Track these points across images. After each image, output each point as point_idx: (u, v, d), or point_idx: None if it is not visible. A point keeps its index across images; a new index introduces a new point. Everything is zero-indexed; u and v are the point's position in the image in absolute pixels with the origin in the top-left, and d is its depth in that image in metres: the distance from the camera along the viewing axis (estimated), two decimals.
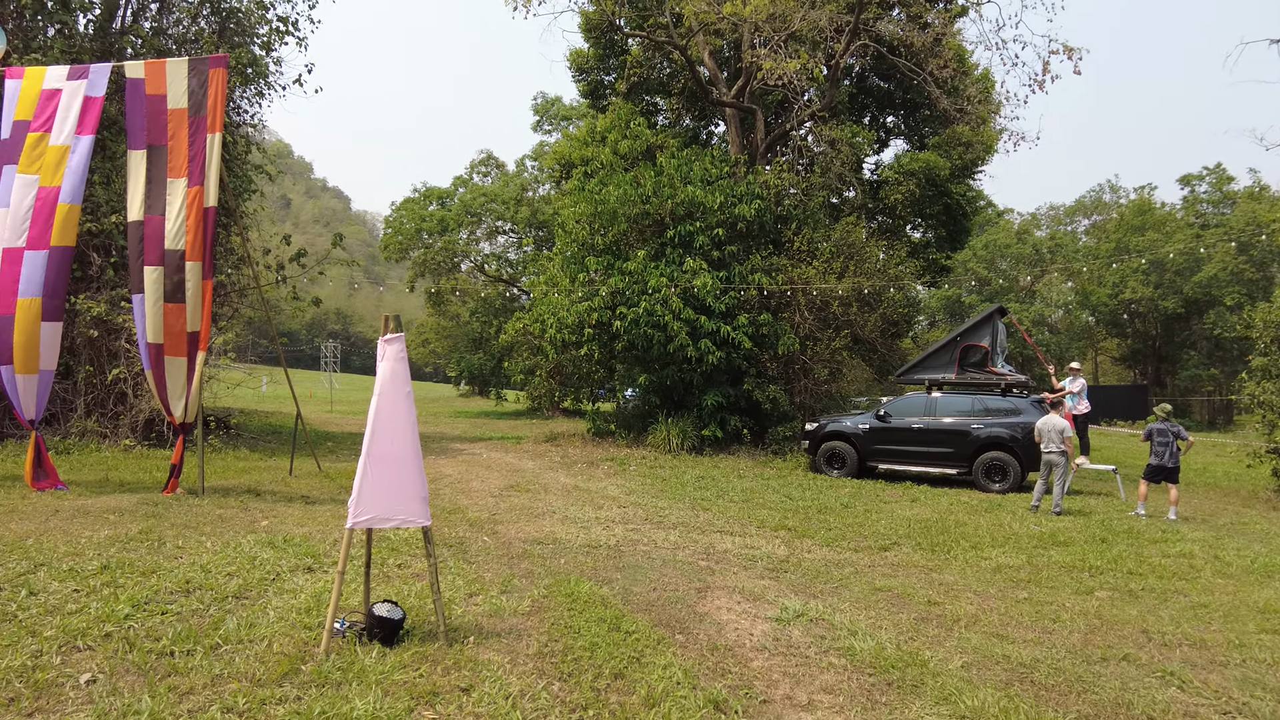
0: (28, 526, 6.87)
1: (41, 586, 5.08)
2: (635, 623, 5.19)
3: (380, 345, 4.69)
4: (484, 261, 35.77)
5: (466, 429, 25.57)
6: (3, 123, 8.74)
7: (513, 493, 11.31)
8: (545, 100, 33.84)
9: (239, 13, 17.40)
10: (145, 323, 8.49)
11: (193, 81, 8.79)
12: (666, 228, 17.11)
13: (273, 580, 5.63)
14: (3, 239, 8.36)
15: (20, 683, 3.66)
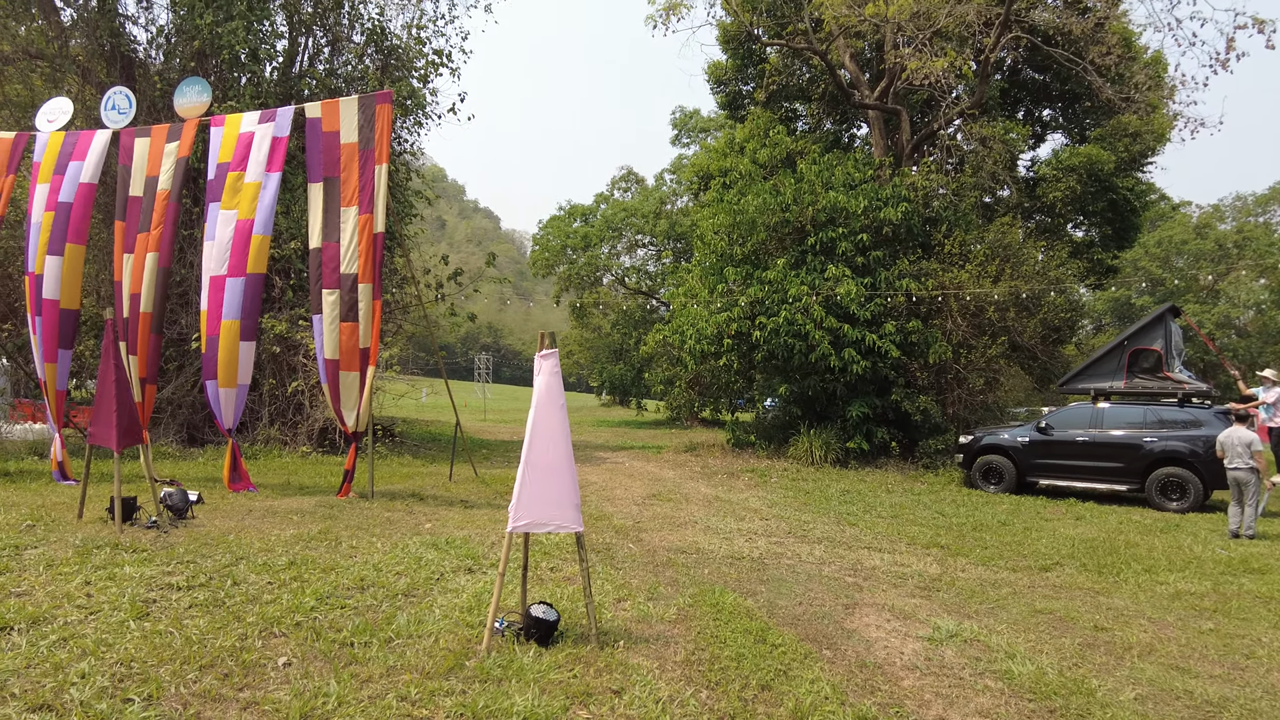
0: (228, 524, 7.69)
1: (242, 578, 5.68)
2: (781, 636, 5.18)
3: (537, 360, 4.95)
4: (624, 275, 36.55)
5: (609, 438, 26.17)
6: (209, 165, 9.88)
7: (655, 501, 11.50)
8: (684, 114, 34.27)
9: (399, 50, 18.74)
10: (323, 340, 9.33)
11: (362, 117, 9.58)
12: (807, 235, 16.88)
13: (437, 580, 6.03)
14: (209, 268, 9.45)
15: (231, 660, 4.13)
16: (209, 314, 9.38)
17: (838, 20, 16.12)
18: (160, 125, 10.32)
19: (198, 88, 10.23)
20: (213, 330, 9.35)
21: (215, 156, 9.76)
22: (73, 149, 10.21)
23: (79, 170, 10.03)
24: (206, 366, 9.40)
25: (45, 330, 9.90)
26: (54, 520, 7.30)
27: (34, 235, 10.01)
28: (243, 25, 15.40)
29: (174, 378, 15.18)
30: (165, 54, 17.03)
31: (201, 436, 15.11)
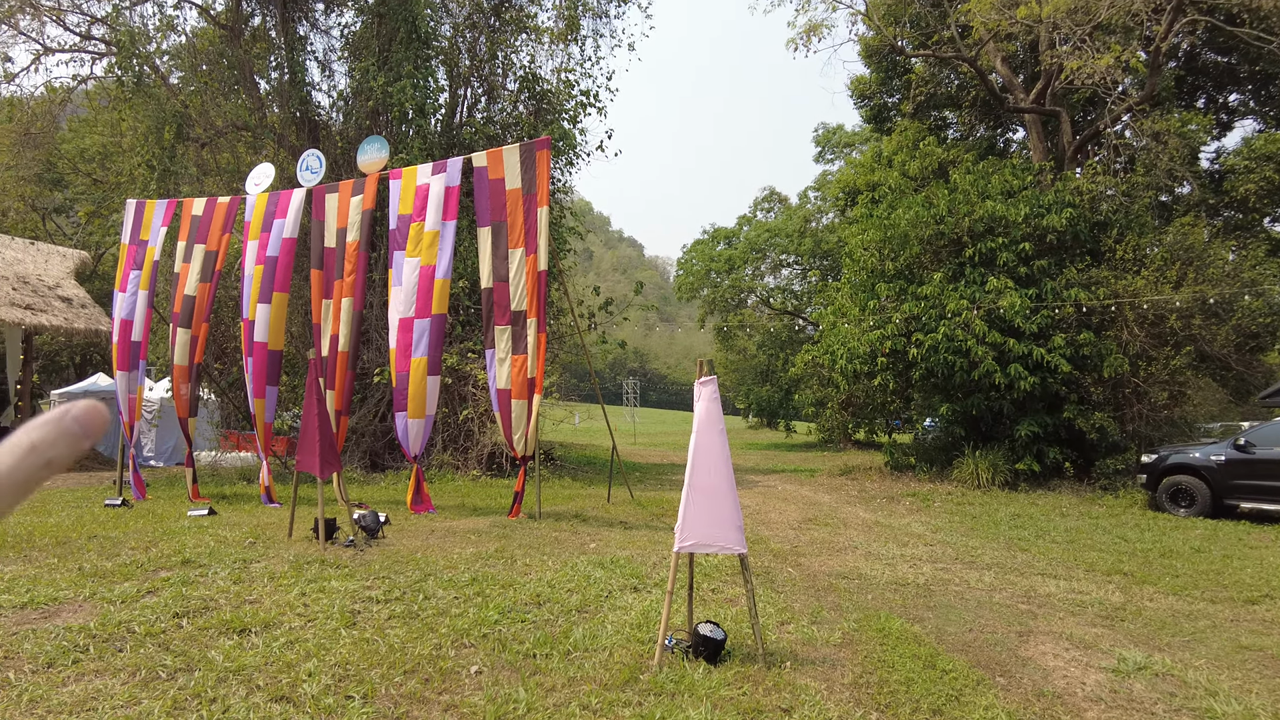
0: (414, 543, 8.38)
1: (432, 592, 6.21)
2: (952, 661, 5.08)
3: (696, 387, 5.18)
4: (769, 295, 36.38)
5: (758, 461, 26.02)
6: (390, 215, 10.91)
7: (812, 526, 11.40)
8: (826, 130, 33.91)
9: (550, 94, 19.80)
10: (495, 372, 10.04)
11: (523, 163, 10.27)
12: (964, 247, 16.27)
13: (606, 598, 6.33)
14: (399, 310, 10.43)
15: (430, 667, 4.57)
16: (398, 352, 10.33)
17: (987, 25, 15.56)
18: (346, 181, 11.50)
19: (377, 145, 11.31)
20: (403, 367, 10.28)
21: (396, 208, 10.76)
22: (275, 208, 11.57)
23: (281, 227, 11.35)
24: (397, 400, 10.33)
25: (255, 369, 11.22)
26: (269, 538, 8.25)
27: (247, 286, 11.41)
28: (410, 83, 16.83)
29: (357, 409, 16.63)
30: (344, 115, 18.85)
31: (382, 462, 16.43)
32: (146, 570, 6.54)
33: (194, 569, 6.58)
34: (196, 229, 11.93)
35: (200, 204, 12.19)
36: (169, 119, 15.72)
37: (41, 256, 21.62)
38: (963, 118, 20.69)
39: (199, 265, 11.75)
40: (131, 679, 4.25)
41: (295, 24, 18.72)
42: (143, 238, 12.25)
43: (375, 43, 17.67)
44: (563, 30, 20.40)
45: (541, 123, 19.27)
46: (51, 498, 12.47)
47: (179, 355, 11.72)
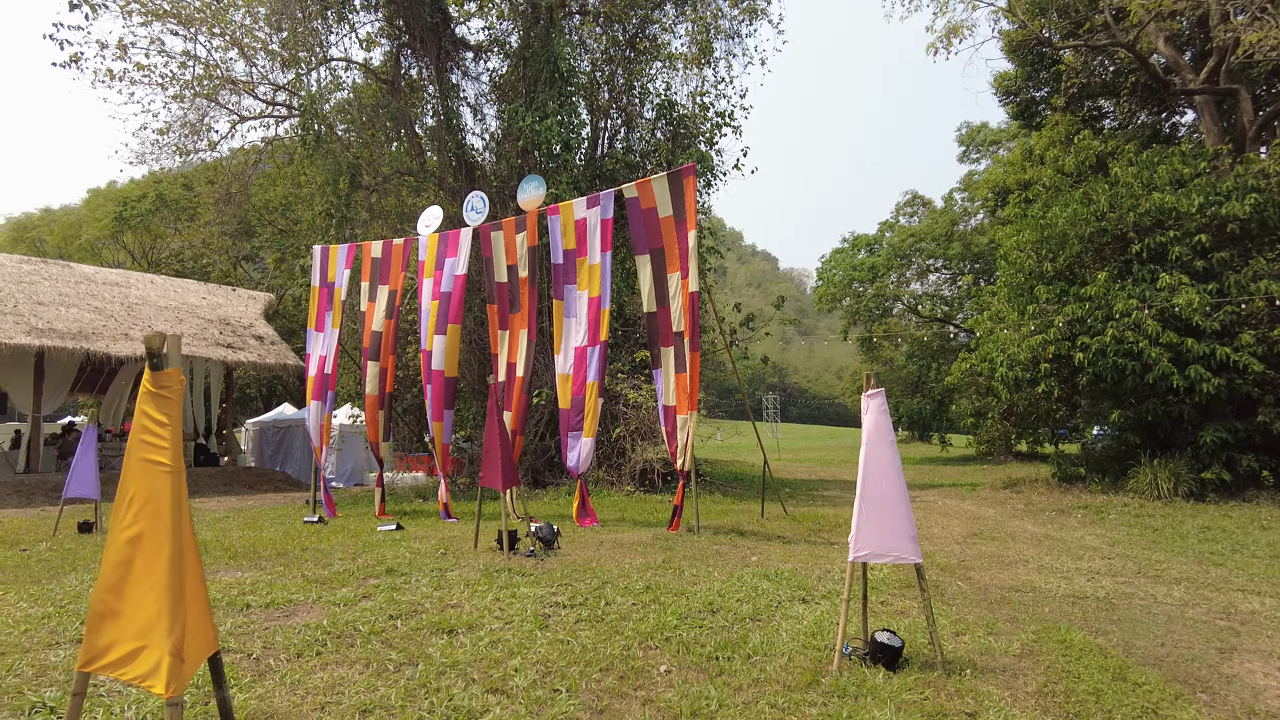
0: (587, 554, 8.87)
1: (611, 599, 6.61)
2: (1144, 675, 4.93)
3: (864, 400, 5.31)
4: (916, 303, 35.27)
5: (913, 475, 25.22)
6: (553, 250, 11.65)
7: (978, 540, 11.07)
8: (970, 129, 32.67)
9: (686, 119, 20.30)
10: (663, 389, 10.52)
11: (672, 191, 10.70)
12: (1129, 243, 15.30)
13: (776, 607, 6.51)
14: (574, 341, 11.17)
15: (622, 666, 4.93)
16: (575, 378, 11.06)
17: (1146, 6, 14.66)
18: (508, 219, 12.36)
19: (535, 183, 12.09)
20: (579, 391, 11.03)
21: (559, 243, 11.50)
22: (446, 247, 12.58)
23: (454, 264, 12.35)
24: (574, 421, 11.10)
25: (434, 395, 12.23)
26: (457, 550, 8.98)
27: (424, 319, 12.48)
28: (555, 121, 17.78)
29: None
30: (496, 156, 20.09)
31: (543, 479, 17.27)
32: (358, 578, 7.32)
33: (398, 577, 7.31)
34: (378, 270, 13.18)
35: (378, 246, 13.44)
36: (344, 170, 17.39)
37: (239, 300, 24.25)
38: (1121, 106, 19.45)
39: (384, 304, 12.98)
40: (366, 670, 4.85)
41: (448, 73, 20.19)
42: (329, 280, 13.64)
43: (521, 85, 18.80)
44: (696, 55, 20.91)
45: (679, 148, 19.78)
46: (260, 515, 13.97)
47: (370, 386, 12.95)
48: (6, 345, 16.44)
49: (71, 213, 38.37)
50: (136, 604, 2.83)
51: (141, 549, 2.87)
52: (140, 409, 2.99)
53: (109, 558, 2.92)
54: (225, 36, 19.02)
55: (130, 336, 18.93)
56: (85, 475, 11.36)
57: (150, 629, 2.79)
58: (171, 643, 2.77)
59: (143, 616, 2.81)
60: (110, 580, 2.88)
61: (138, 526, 2.89)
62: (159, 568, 2.83)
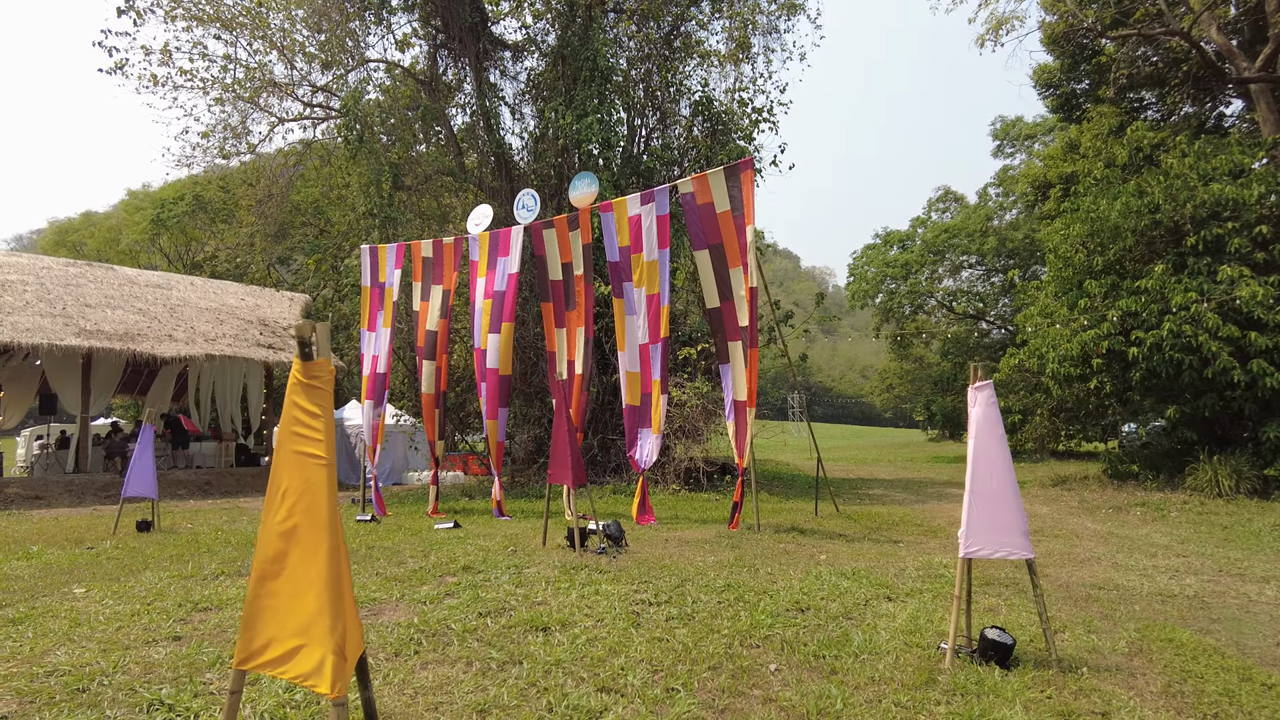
0: (654, 551, 8.79)
1: (695, 597, 6.51)
2: (1270, 676, 4.77)
3: (970, 392, 5.19)
4: (951, 299, 34.88)
5: (954, 474, 24.95)
6: (607, 247, 11.57)
7: (1041, 538, 10.88)
8: (1005, 123, 32.24)
9: (723, 115, 20.16)
10: (731, 384, 10.43)
11: (729, 186, 10.59)
12: (1184, 235, 15.00)
13: (864, 605, 6.39)
14: (637, 339, 11.10)
15: (730, 664, 4.84)
16: (642, 376, 11.01)
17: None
18: (560, 217, 12.31)
19: (586, 180, 12.02)
20: (646, 388, 10.97)
21: (614, 240, 11.42)
22: (498, 246, 12.55)
23: (506, 264, 12.32)
24: (640, 418, 11.08)
25: (489, 393, 12.20)
26: (525, 547, 8.93)
27: (478, 319, 12.47)
28: (595, 119, 17.71)
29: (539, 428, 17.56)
30: (535, 155, 20.05)
31: (589, 478, 17.21)
32: (435, 576, 7.28)
33: (475, 574, 7.26)
34: (431, 270, 13.18)
35: (428, 246, 13.44)
36: (386, 170, 17.42)
37: (277, 301, 24.41)
38: (1172, 96, 19.04)
39: (438, 303, 12.99)
40: (469, 669, 4.79)
41: (487, 73, 20.19)
42: (380, 280, 13.65)
43: (560, 83, 18.75)
44: (733, 50, 20.79)
45: (718, 144, 19.65)
46: None
47: (426, 385, 12.96)
48: (58, 347, 16.63)
49: (111, 216, 38.90)
50: (294, 600, 2.77)
51: (298, 543, 2.81)
52: (290, 400, 2.93)
53: (263, 553, 2.86)
54: (265, 40, 19.14)
55: (174, 338, 19.10)
56: (143, 474, 11.45)
57: (310, 626, 2.73)
58: (335, 640, 2.71)
59: (302, 613, 2.75)
60: (265, 575, 2.82)
61: (293, 520, 2.83)
62: (317, 563, 2.77)
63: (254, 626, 2.81)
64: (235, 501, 17.53)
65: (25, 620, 5.90)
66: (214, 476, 19.35)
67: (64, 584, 7.31)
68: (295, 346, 2.67)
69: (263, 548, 2.86)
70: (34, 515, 14.28)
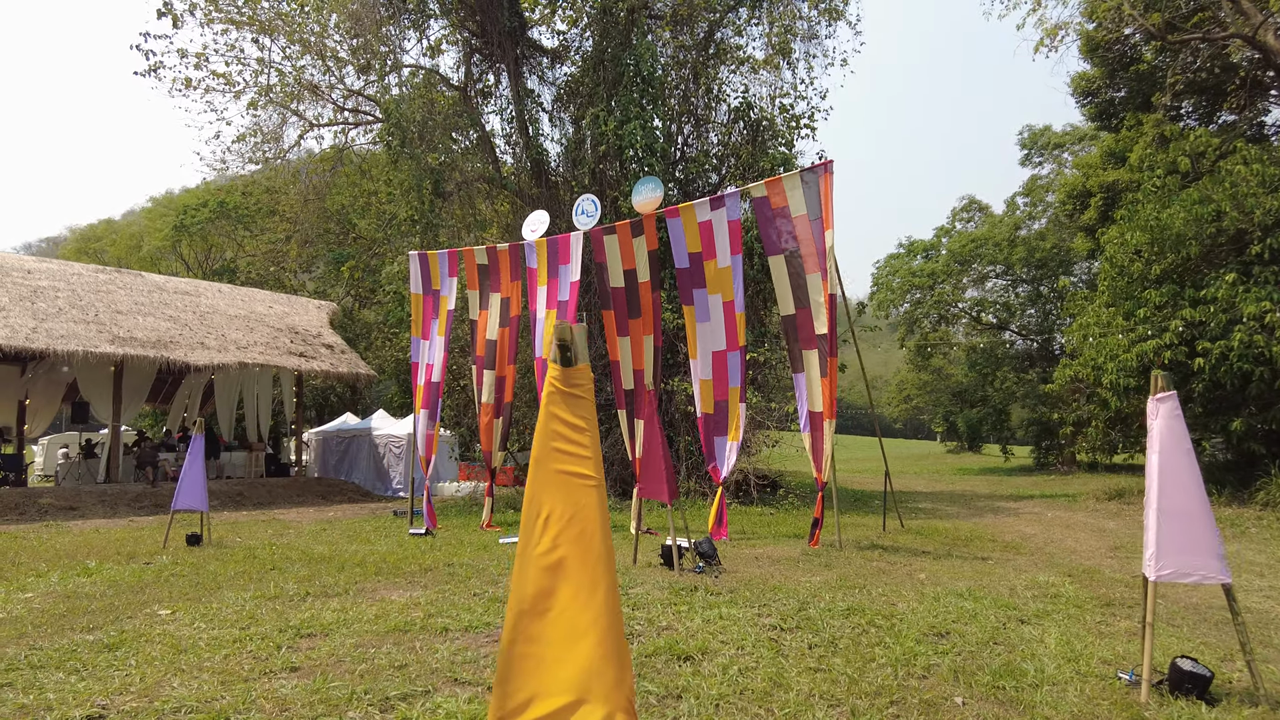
0: (752, 570, 8.41)
1: (820, 620, 6.13)
2: None
3: (1151, 404, 4.84)
4: (979, 310, 34.54)
5: (988, 486, 24.58)
6: (675, 254, 11.23)
7: (1125, 554, 10.51)
8: (1033, 132, 31.97)
9: (764, 122, 19.87)
10: (806, 394, 10.07)
11: (806, 190, 10.26)
12: (1248, 243, 14.67)
13: (1002, 629, 6.03)
14: (710, 345, 10.76)
15: (911, 697, 4.47)
16: (715, 383, 10.65)
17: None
18: (622, 222, 11.96)
19: (651, 184, 11.69)
20: (720, 395, 10.61)
21: (683, 246, 11.07)
22: (557, 252, 12.22)
23: (567, 271, 11.99)
24: (716, 426, 10.69)
25: None
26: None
27: (539, 328, 12.11)
28: (638, 125, 17.43)
29: (604, 438, 17.18)
30: (574, 162, 19.77)
31: (632, 490, 16.81)
32: None
33: None
34: (487, 277, 12.85)
35: (482, 252, 13.11)
36: (426, 175, 17.13)
37: (305, 309, 24.09)
38: (1228, 103, 18.68)
39: (497, 312, 12.65)
40: None
41: (525, 79, 19.93)
42: (434, 287, 13.32)
43: (601, 89, 18.46)
44: (772, 56, 20.53)
45: (760, 151, 19.36)
46: (355, 528, 13.67)
47: (486, 395, 12.59)
48: (93, 354, 16.29)
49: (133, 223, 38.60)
50: (565, 647, 2.40)
51: (567, 578, 2.45)
52: (550, 412, 2.58)
53: (523, 590, 2.49)
54: (301, 43, 18.89)
55: (206, 345, 18.76)
56: (194, 486, 11.07)
57: (588, 679, 2.35)
58: (623, 696, 2.34)
59: (576, 662, 2.38)
60: (527, 616, 2.46)
61: (559, 551, 2.47)
62: (595, 602, 2.41)
63: (512, 679, 2.43)
64: (270, 513, 17.15)
65: (122, 646, 5.53)
66: (245, 487, 18.96)
67: (142, 604, 6.94)
68: (556, 352, 2.28)
69: (522, 584, 2.49)
70: (72, 527, 13.91)
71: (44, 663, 5.18)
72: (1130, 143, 20.77)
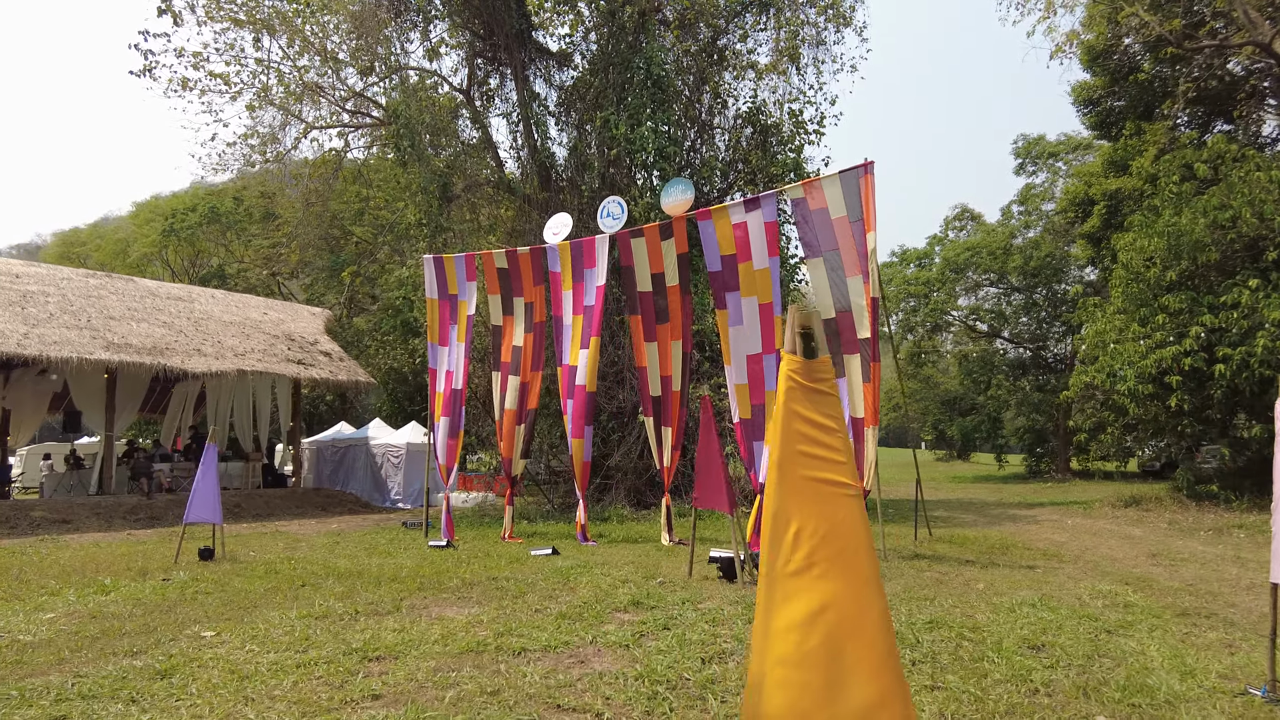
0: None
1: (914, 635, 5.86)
2: None
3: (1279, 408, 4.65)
4: (972, 318, 34.64)
5: (993, 494, 24.54)
6: (706, 256, 10.96)
7: (1165, 561, 10.39)
8: (1026, 141, 32.18)
9: (773, 127, 19.70)
10: (847, 400, 9.81)
11: (846, 191, 10.05)
12: (1263, 250, 14.72)
13: (1095, 640, 5.81)
14: (745, 349, 10.45)
15: (1052, 715, 4.20)
16: (751, 387, 10.34)
17: None
18: (651, 225, 11.69)
19: (680, 187, 11.44)
20: (758, 399, 10.31)
21: (715, 249, 10.79)
22: (582, 256, 11.91)
23: (593, 275, 11.68)
24: (754, 430, 10.39)
25: (575, 411, 11.51)
26: (669, 578, 8.23)
27: (566, 334, 11.79)
28: (650, 129, 17.19)
29: (617, 446, 16.85)
30: (582, 166, 19.47)
31: (645, 500, 16.50)
32: (600, 612, 6.56)
33: (650, 611, 6.57)
34: (508, 282, 12.50)
35: (502, 256, 12.76)
36: (435, 179, 16.75)
37: (300, 316, 23.54)
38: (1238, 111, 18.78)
39: (521, 317, 12.31)
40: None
41: (531, 83, 19.62)
42: (451, 292, 12.94)
43: (611, 92, 18.20)
44: (777, 61, 20.41)
45: (768, 157, 19.19)
46: (367, 540, 13.23)
47: (510, 401, 12.22)
48: (88, 361, 15.69)
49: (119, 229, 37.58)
50: (832, 680, 2.10)
51: (827, 601, 2.15)
52: (790, 410, 2.28)
53: (772, 614, 2.19)
54: (303, 42, 18.44)
55: (203, 352, 18.19)
56: (207, 498, 10.62)
57: (865, 713, 2.06)
58: None
59: (852, 700, 2.08)
60: (780, 643, 2.15)
61: (816, 570, 2.17)
62: (866, 628, 2.11)
63: (767, 715, 2.13)
64: (271, 525, 16.62)
65: (175, 672, 5.13)
66: (242, 498, 18.37)
67: (179, 625, 6.52)
68: (796, 342, 1.97)
69: (770, 607, 2.19)
70: (68, 541, 13.32)
71: (95, 692, 4.78)
72: (1134, 151, 20.87)
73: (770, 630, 2.17)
